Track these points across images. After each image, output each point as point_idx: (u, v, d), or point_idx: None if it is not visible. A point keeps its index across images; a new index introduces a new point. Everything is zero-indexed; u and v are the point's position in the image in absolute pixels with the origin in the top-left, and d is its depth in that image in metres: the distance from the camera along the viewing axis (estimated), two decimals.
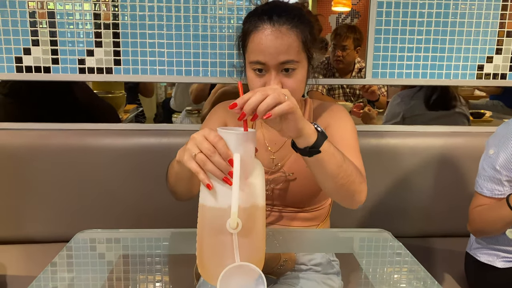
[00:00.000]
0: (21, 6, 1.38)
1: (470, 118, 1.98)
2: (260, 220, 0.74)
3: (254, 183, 0.74)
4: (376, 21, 1.47)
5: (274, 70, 0.97)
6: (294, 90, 0.97)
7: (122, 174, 1.46)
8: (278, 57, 0.95)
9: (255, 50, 0.97)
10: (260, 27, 0.97)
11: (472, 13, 1.48)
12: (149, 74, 1.46)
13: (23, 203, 1.46)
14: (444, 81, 1.54)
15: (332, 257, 1.10)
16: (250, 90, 0.95)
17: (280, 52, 0.95)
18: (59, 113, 1.59)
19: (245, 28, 1.01)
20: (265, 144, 1.12)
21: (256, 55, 0.97)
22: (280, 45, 0.95)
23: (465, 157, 1.53)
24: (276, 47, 0.95)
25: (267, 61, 0.96)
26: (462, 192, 1.51)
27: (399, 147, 1.53)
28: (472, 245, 1.28)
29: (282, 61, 0.96)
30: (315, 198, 1.11)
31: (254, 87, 0.99)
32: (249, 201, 0.72)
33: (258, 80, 0.99)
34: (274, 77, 0.97)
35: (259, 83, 0.98)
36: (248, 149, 0.74)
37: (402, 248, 0.95)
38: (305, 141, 0.80)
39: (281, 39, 0.95)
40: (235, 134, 0.73)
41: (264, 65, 0.97)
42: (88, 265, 0.92)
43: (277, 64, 0.96)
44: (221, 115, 1.14)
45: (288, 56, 0.96)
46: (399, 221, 1.55)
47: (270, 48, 0.95)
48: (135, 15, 1.41)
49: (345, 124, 1.08)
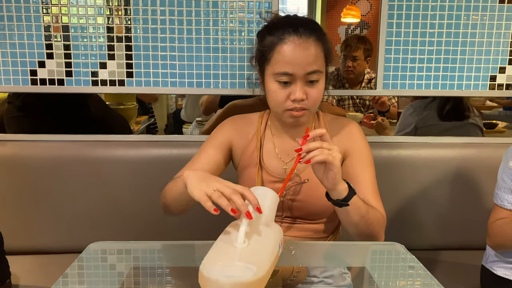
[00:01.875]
0: (36, 20, 1.41)
1: (483, 129, 1.96)
2: None
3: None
4: (386, 32, 1.47)
5: (300, 81, 0.99)
6: (316, 100, 1.02)
7: (134, 185, 1.47)
8: (306, 67, 0.97)
9: (282, 61, 0.98)
10: (287, 39, 0.98)
11: (484, 24, 1.47)
12: (161, 86, 1.47)
13: (36, 214, 1.48)
14: (456, 92, 1.53)
15: (344, 269, 1.09)
16: (271, 101, 1.04)
17: (308, 63, 0.98)
18: (71, 126, 1.61)
19: (266, 42, 1.02)
20: (276, 154, 1.13)
21: (283, 66, 0.98)
22: (308, 56, 0.98)
23: (479, 168, 1.50)
24: (304, 58, 0.97)
25: (295, 72, 0.98)
26: (477, 204, 1.49)
27: (411, 158, 1.51)
28: (488, 258, 1.25)
29: (310, 71, 0.98)
30: (326, 210, 1.10)
31: (278, 99, 1.01)
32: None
33: (283, 91, 1.00)
34: (300, 87, 0.99)
35: (284, 94, 1.00)
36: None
37: (415, 261, 0.94)
38: (337, 194, 0.93)
39: (309, 50, 0.98)
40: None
41: (291, 76, 0.98)
42: (99, 277, 0.92)
43: (304, 74, 0.98)
44: (228, 133, 1.15)
45: (315, 66, 0.98)
46: (411, 233, 1.52)
47: (298, 59, 0.97)
48: (147, 28, 1.43)
49: (364, 154, 1.10)
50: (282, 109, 1.03)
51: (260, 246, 0.78)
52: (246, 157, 1.15)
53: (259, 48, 1.05)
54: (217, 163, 1.12)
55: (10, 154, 1.47)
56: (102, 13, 1.42)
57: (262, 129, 1.16)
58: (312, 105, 1.02)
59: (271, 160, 1.13)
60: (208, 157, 1.12)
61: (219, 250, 0.78)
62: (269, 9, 1.42)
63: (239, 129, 1.16)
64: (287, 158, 1.12)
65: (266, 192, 0.89)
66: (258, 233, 0.80)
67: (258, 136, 1.15)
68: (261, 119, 1.18)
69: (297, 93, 0.98)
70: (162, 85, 1.47)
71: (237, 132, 1.16)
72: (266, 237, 0.81)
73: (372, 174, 1.09)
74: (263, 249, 0.78)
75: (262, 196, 0.85)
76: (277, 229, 0.87)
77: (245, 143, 1.15)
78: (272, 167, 1.12)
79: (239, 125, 1.17)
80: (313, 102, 1.01)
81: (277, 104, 1.03)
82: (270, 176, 1.12)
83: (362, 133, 1.14)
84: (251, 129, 1.16)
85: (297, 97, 0.99)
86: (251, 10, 1.43)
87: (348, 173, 1.08)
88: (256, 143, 1.14)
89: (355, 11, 4.35)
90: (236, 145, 1.16)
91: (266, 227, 0.83)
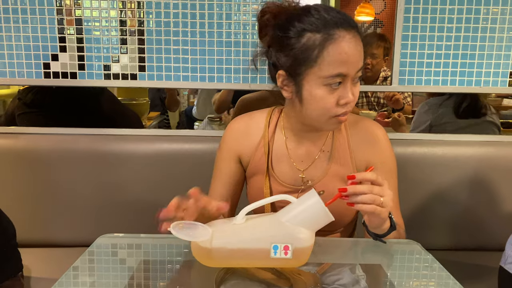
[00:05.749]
0: (50, 13, 1.41)
1: (500, 128, 1.92)
2: None
3: None
4: (403, 26, 1.44)
5: (350, 81, 0.88)
6: (356, 98, 0.91)
7: (145, 179, 1.46)
8: (357, 65, 0.87)
9: (336, 62, 0.85)
10: (336, 35, 0.85)
11: (504, 18, 1.43)
12: (173, 80, 1.46)
13: (47, 207, 1.48)
14: (474, 89, 1.49)
15: (358, 271, 1.05)
16: (316, 110, 0.90)
17: (359, 60, 0.88)
18: (82, 122, 1.61)
19: (309, 41, 0.86)
20: (289, 160, 1.03)
21: (338, 67, 0.85)
22: (359, 52, 0.88)
23: (497, 167, 1.47)
24: (357, 56, 0.87)
25: (349, 71, 0.86)
26: (494, 204, 1.45)
27: (427, 156, 1.48)
28: (507, 259, 1.21)
29: (360, 68, 0.88)
30: (342, 221, 1.05)
31: (327, 106, 0.88)
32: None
33: (331, 97, 0.88)
34: (350, 88, 0.88)
35: (333, 100, 0.88)
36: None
37: (433, 260, 0.91)
38: (378, 231, 0.90)
39: (359, 46, 0.88)
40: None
41: (344, 76, 0.87)
42: (109, 270, 0.92)
43: (355, 72, 0.88)
44: (230, 144, 1.06)
45: (362, 62, 0.89)
46: (426, 232, 1.49)
47: (352, 57, 0.86)
48: (160, 21, 1.42)
49: (387, 165, 1.02)
50: (330, 115, 0.90)
51: (252, 230, 0.78)
52: (253, 164, 1.04)
53: (294, 48, 0.88)
54: (234, 176, 1.06)
55: (23, 147, 1.48)
56: (115, 7, 1.41)
57: (270, 131, 1.04)
58: (353, 104, 0.92)
59: (282, 167, 1.03)
60: (222, 175, 1.07)
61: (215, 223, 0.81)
62: None
63: (242, 136, 1.05)
64: (302, 165, 1.02)
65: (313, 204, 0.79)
66: (261, 225, 0.79)
67: (265, 139, 1.03)
68: (269, 118, 1.06)
69: (349, 95, 0.87)
70: (174, 79, 1.46)
71: (239, 140, 1.05)
72: (263, 229, 0.78)
73: (393, 186, 1.00)
74: (249, 233, 0.78)
75: (308, 199, 0.78)
76: (291, 234, 0.78)
77: (252, 148, 1.04)
78: (283, 174, 1.02)
79: (241, 130, 1.06)
80: (354, 101, 0.91)
81: (324, 112, 0.89)
82: (280, 185, 1.02)
83: (387, 139, 1.03)
84: (258, 132, 1.05)
85: (350, 100, 0.88)
86: (264, 4, 1.41)
87: None
88: (264, 147, 1.03)
89: (369, 9, 4.31)
90: (243, 152, 1.05)
91: (278, 226, 0.78)
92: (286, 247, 0.76)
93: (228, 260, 0.79)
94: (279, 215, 0.79)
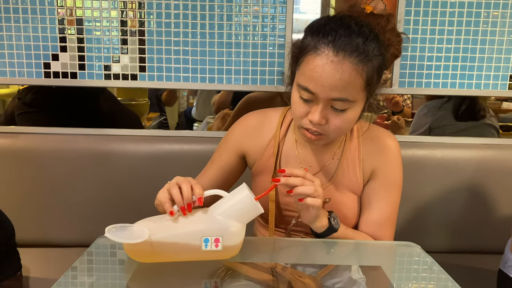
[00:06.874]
0: (50, 13, 1.41)
1: (499, 130, 1.92)
2: None
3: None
4: (403, 29, 1.44)
5: (322, 104, 0.84)
6: (339, 129, 0.87)
7: (145, 179, 1.46)
8: (331, 92, 0.81)
9: (307, 75, 0.83)
10: (320, 51, 0.81)
11: (504, 22, 1.43)
12: (173, 81, 1.46)
13: (46, 207, 1.48)
14: (474, 91, 1.50)
15: (359, 274, 1.05)
16: (292, 111, 0.91)
17: (334, 88, 0.81)
18: (82, 122, 1.61)
19: (304, 42, 0.85)
20: (299, 164, 1.02)
21: (307, 81, 0.83)
22: (338, 81, 0.80)
23: (496, 170, 1.47)
24: (332, 82, 0.80)
25: (318, 92, 0.82)
26: (493, 206, 1.45)
27: (426, 158, 1.48)
28: (506, 262, 1.21)
29: (335, 97, 0.82)
30: (345, 222, 1.03)
31: (296, 112, 0.88)
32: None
33: (302, 106, 0.86)
34: (320, 111, 0.84)
35: (303, 110, 0.86)
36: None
37: (432, 262, 0.91)
38: (315, 229, 0.92)
39: (340, 74, 0.80)
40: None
41: (313, 95, 0.83)
42: (108, 271, 0.91)
43: (327, 99, 0.83)
44: (238, 137, 1.06)
45: (343, 94, 0.82)
46: (426, 235, 1.49)
47: (325, 80, 0.80)
48: (161, 22, 1.42)
49: (390, 179, 0.99)
50: (298, 124, 0.90)
51: (184, 224, 0.80)
52: (262, 162, 1.03)
53: (296, 44, 0.89)
54: (231, 167, 1.06)
55: (22, 147, 1.47)
56: (116, 7, 1.41)
57: (282, 131, 1.02)
58: (333, 132, 0.88)
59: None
60: (221, 162, 1.06)
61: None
62: (284, 4, 1.41)
63: (253, 133, 1.04)
64: (310, 170, 0.99)
65: (242, 194, 0.82)
66: (193, 219, 0.81)
67: (276, 139, 1.02)
68: (282, 118, 1.03)
69: (315, 116, 0.84)
70: (174, 79, 1.46)
71: (249, 137, 1.04)
72: (194, 224, 0.81)
73: (391, 203, 0.99)
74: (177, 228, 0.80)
75: (238, 194, 0.82)
76: (217, 227, 0.81)
77: (261, 147, 1.03)
78: None
79: (253, 127, 1.04)
80: (334, 130, 0.87)
81: (295, 117, 0.91)
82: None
83: (398, 152, 1.00)
84: (270, 130, 1.03)
85: (313, 120, 0.85)
86: (265, 5, 1.41)
87: (366, 194, 1.01)
88: (274, 147, 1.02)
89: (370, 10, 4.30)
90: (250, 149, 1.04)
91: (210, 220, 0.81)
92: (217, 240, 0.79)
93: (162, 256, 0.82)
94: (211, 209, 0.82)
